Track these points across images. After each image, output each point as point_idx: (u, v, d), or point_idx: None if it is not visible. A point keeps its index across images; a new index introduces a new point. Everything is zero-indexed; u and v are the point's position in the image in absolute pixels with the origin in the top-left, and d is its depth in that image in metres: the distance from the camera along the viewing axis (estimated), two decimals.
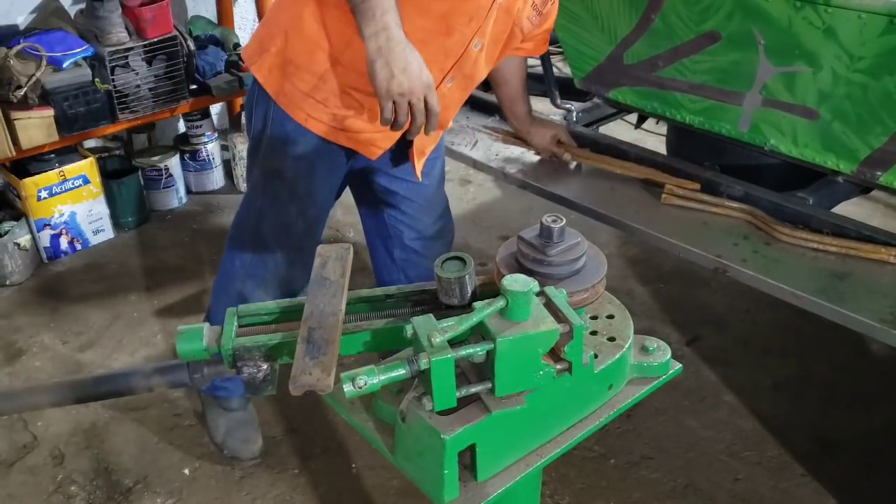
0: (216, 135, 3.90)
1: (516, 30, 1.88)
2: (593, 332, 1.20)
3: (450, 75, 1.80)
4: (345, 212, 3.53)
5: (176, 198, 3.78)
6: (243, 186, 3.77)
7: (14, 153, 3.10)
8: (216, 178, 3.94)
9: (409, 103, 1.50)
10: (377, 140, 1.87)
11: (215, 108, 4.11)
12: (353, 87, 1.77)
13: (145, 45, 3.30)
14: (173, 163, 3.72)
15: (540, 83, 2.87)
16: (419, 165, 2.00)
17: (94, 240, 3.51)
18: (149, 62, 3.34)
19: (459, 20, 1.71)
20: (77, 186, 3.36)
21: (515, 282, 1.01)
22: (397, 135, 1.83)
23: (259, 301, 1.20)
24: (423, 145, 1.99)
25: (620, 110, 2.76)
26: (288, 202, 1.94)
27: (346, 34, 1.68)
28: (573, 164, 2.52)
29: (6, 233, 3.20)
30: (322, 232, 2.10)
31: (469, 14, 1.71)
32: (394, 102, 1.50)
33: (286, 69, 1.79)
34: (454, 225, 2.33)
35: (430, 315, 1.03)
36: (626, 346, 1.18)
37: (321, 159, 1.90)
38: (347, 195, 2.22)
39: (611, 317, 1.24)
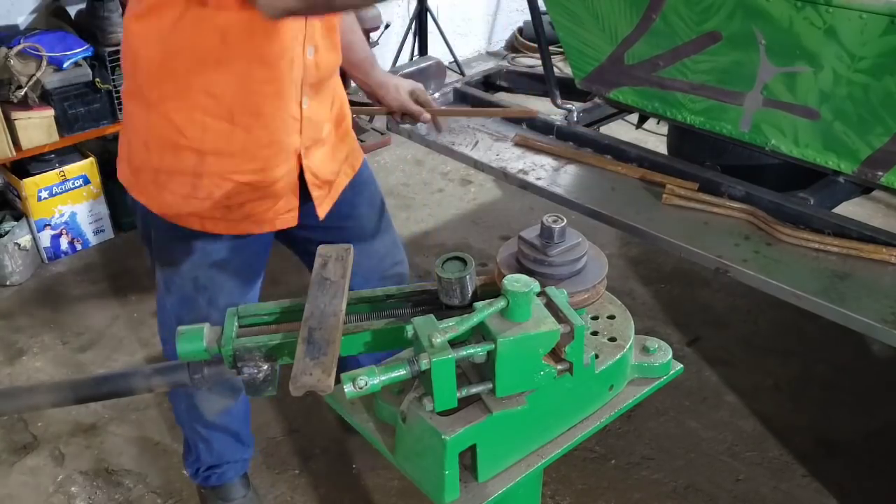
0: None
1: None
2: (594, 333, 1.20)
3: (304, 97, 1.65)
4: None
5: None
6: None
7: (14, 153, 3.10)
8: None
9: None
10: (280, 208, 1.72)
11: None
12: (234, 171, 1.62)
13: None
14: None
15: (540, 83, 2.87)
16: (324, 207, 1.81)
17: (95, 240, 3.51)
18: None
19: (289, 40, 1.55)
20: (77, 187, 3.36)
21: (516, 282, 1.01)
22: (295, 187, 1.71)
23: None
24: (322, 181, 1.78)
25: (621, 110, 2.75)
26: (195, 295, 1.77)
27: (197, 120, 1.56)
28: (428, 131, 2.33)
29: (6, 233, 3.20)
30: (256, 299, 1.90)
31: (294, 31, 1.55)
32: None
33: (158, 180, 1.65)
34: (405, 256, 2.17)
35: (431, 315, 1.02)
36: (627, 346, 1.18)
37: (234, 255, 1.76)
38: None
39: (612, 317, 1.24)
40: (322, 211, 1.80)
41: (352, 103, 2.03)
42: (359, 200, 1.95)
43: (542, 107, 2.73)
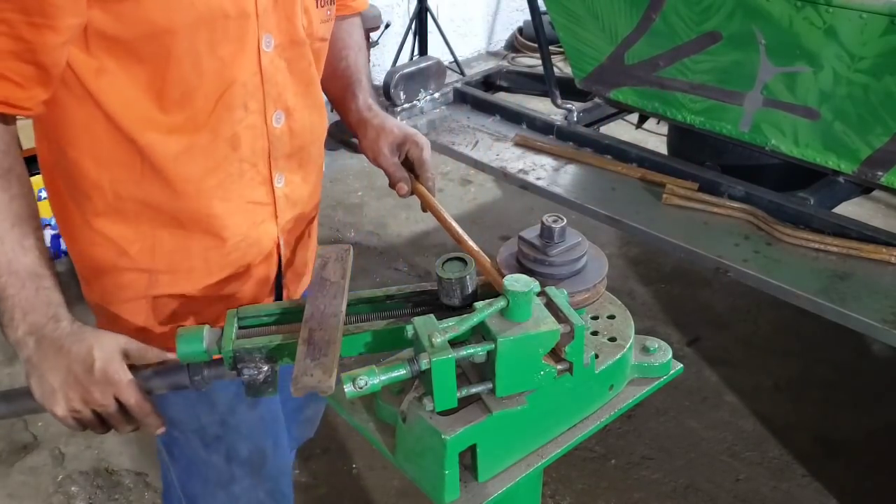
0: None
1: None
2: (594, 333, 1.20)
3: (276, 174, 1.28)
4: (345, 212, 3.53)
5: None
6: None
7: None
8: None
9: (94, 412, 1.06)
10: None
11: None
12: (195, 289, 1.30)
13: None
14: None
15: (540, 83, 2.87)
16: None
17: None
18: None
19: (222, 110, 1.18)
20: None
21: (516, 282, 1.01)
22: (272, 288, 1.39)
23: None
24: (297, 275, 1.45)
25: (621, 110, 2.75)
26: (207, 456, 1.40)
27: (147, 231, 1.24)
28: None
29: None
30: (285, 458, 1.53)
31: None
32: (75, 419, 1.06)
33: (108, 313, 1.33)
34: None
35: (431, 315, 1.02)
36: (627, 346, 1.17)
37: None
38: (348, 195, 2.21)
39: (612, 317, 1.23)
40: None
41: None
42: None
43: (542, 107, 2.73)
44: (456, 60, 4.83)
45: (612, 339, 1.19)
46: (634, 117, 2.83)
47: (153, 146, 1.15)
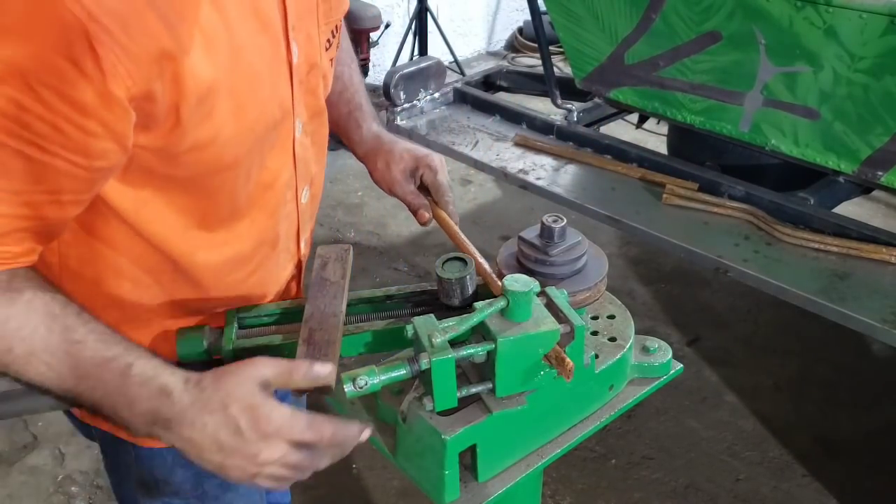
0: None
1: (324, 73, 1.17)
2: (594, 333, 1.20)
3: (299, 191, 1.18)
4: (345, 212, 3.53)
5: None
6: None
7: None
8: None
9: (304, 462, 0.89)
10: None
11: None
12: None
13: None
14: None
15: (540, 83, 2.87)
16: None
17: None
18: None
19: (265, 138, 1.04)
20: None
21: (516, 282, 1.01)
22: None
23: None
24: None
25: (621, 110, 2.75)
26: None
27: (160, 322, 1.11)
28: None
29: None
30: None
31: (272, 119, 1.03)
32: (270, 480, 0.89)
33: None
34: None
35: (432, 315, 1.02)
36: (627, 346, 1.18)
37: None
38: (348, 195, 2.21)
39: (612, 317, 1.24)
40: None
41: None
42: None
43: (542, 107, 2.73)
44: (456, 60, 4.83)
45: (612, 339, 1.19)
46: (634, 117, 2.83)
47: (194, 261, 1.06)
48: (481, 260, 1.17)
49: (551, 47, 2.91)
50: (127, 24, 0.79)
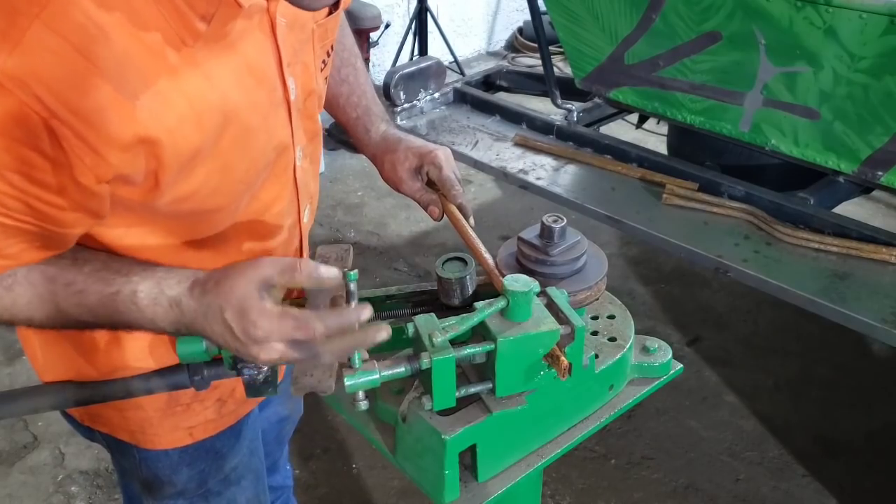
0: None
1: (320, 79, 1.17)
2: (594, 333, 1.20)
3: (301, 212, 1.21)
4: (345, 212, 3.53)
5: None
6: None
7: None
8: None
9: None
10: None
11: None
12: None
13: None
14: None
15: (540, 83, 2.87)
16: None
17: None
18: None
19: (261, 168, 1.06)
20: None
21: (516, 282, 1.01)
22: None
23: None
24: None
25: (621, 110, 2.75)
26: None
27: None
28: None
29: None
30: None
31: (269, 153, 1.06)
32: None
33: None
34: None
35: (432, 314, 1.02)
36: (627, 346, 1.18)
37: (234, 443, 1.30)
38: (348, 195, 2.21)
39: (612, 317, 1.24)
40: None
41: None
42: None
43: (542, 107, 2.73)
44: (456, 60, 4.83)
45: (612, 339, 1.19)
46: (634, 117, 2.83)
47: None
48: (486, 255, 1.17)
49: (551, 47, 2.92)
50: (90, 120, 0.80)
